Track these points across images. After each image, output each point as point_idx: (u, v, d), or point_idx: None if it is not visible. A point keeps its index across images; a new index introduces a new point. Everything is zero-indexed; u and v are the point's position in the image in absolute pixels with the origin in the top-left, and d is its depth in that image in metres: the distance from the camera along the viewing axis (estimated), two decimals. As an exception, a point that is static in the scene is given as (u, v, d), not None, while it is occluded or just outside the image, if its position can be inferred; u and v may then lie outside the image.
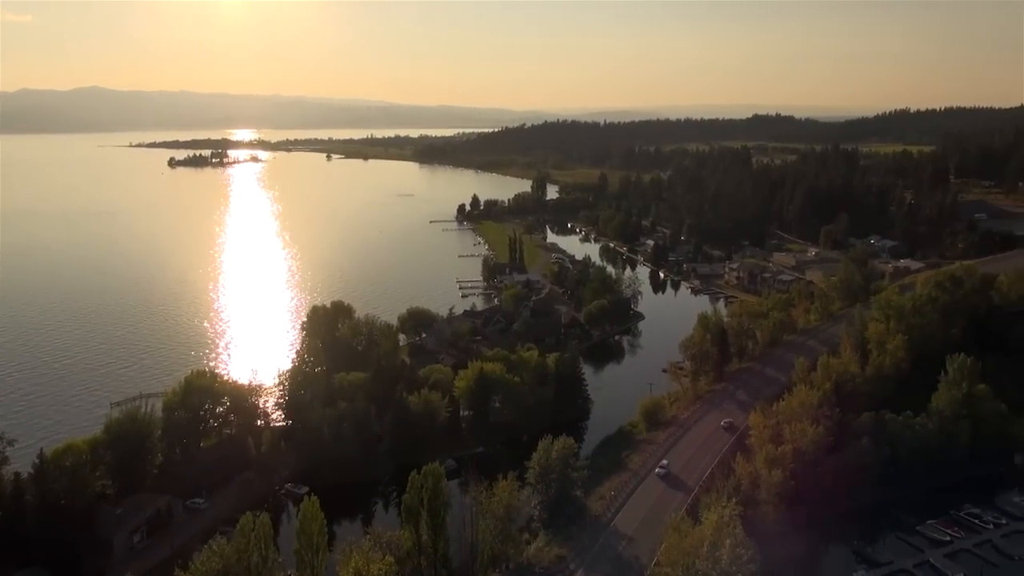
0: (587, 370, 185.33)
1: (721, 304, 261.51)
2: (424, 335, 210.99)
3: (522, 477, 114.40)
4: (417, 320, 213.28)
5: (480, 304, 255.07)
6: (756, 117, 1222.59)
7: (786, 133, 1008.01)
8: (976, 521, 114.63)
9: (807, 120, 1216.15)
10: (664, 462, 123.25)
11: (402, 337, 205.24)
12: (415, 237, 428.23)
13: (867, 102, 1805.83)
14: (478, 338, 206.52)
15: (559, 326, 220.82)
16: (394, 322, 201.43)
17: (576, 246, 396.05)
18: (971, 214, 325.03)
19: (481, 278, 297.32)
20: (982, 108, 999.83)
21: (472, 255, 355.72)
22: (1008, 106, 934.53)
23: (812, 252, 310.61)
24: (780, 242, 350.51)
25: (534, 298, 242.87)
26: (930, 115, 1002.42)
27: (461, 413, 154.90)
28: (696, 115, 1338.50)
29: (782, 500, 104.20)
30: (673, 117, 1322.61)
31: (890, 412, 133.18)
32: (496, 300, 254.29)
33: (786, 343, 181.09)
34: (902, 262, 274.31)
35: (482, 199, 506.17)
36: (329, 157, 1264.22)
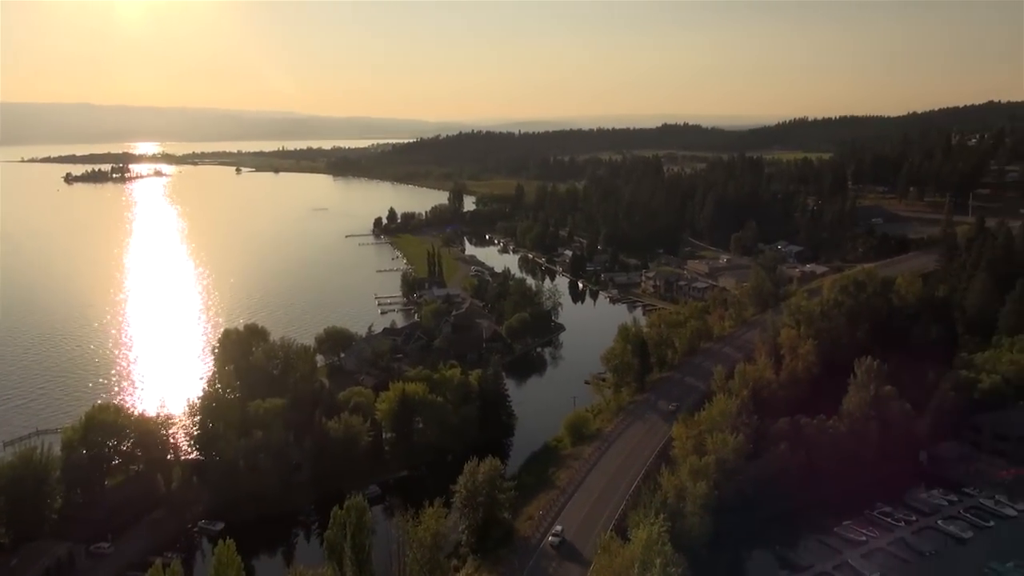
0: (510, 384, 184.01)
1: (639, 312, 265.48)
2: (343, 355, 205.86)
3: (448, 501, 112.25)
4: (335, 340, 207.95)
5: (400, 321, 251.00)
6: (665, 126, 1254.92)
7: (694, 142, 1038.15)
8: (888, 519, 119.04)
9: (713, 129, 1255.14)
10: (558, 528, 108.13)
11: (320, 358, 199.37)
12: (331, 253, 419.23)
13: (769, 111, 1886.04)
14: (399, 356, 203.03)
15: (481, 341, 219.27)
16: (311, 343, 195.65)
17: (495, 257, 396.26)
18: (869, 219, 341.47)
19: (400, 294, 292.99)
20: (873, 117, 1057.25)
21: (390, 270, 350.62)
22: (896, 115, 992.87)
23: (724, 259, 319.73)
24: (693, 249, 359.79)
25: (455, 313, 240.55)
26: (826, 123, 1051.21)
27: (383, 436, 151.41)
28: (608, 125, 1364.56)
29: (707, 510, 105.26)
30: (586, 127, 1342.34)
31: (805, 416, 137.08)
32: (416, 316, 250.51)
33: (704, 351, 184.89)
34: (808, 266, 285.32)
35: (399, 212, 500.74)
36: (238, 171, 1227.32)
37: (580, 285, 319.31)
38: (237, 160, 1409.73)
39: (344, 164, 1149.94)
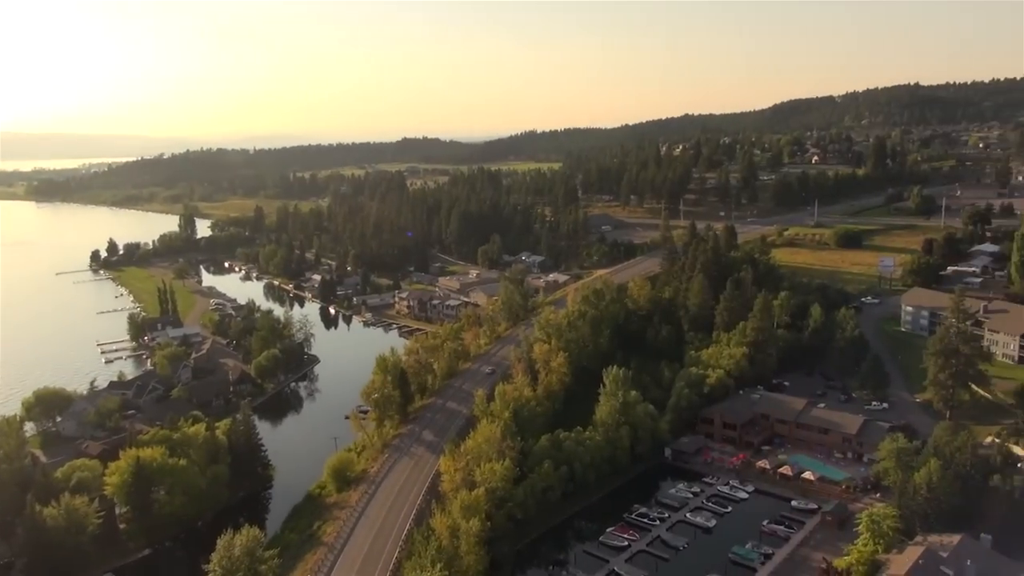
0: (265, 429, 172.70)
1: (395, 334, 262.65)
2: (60, 419, 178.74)
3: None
4: (48, 403, 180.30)
5: (130, 370, 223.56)
6: (405, 140, 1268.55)
7: (434, 155, 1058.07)
8: (645, 520, 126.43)
9: (452, 142, 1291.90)
10: None
11: (30, 427, 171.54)
12: (39, 294, 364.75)
13: (501, 124, 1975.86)
14: (131, 412, 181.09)
15: (227, 384, 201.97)
16: (16, 411, 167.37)
17: (237, 287, 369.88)
18: (599, 226, 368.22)
19: (128, 338, 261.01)
20: (593, 128, 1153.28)
21: (114, 310, 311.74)
22: (612, 127, 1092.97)
23: (473, 273, 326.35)
24: (443, 265, 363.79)
25: (194, 355, 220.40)
26: (553, 135, 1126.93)
27: (118, 511, 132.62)
28: (348, 139, 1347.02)
29: (481, 544, 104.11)
30: (326, 142, 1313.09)
31: (564, 430, 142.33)
32: (149, 363, 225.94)
33: (463, 372, 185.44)
34: (551, 276, 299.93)
35: (121, 242, 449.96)
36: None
37: (332, 311, 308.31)
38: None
39: (50, 188, 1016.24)
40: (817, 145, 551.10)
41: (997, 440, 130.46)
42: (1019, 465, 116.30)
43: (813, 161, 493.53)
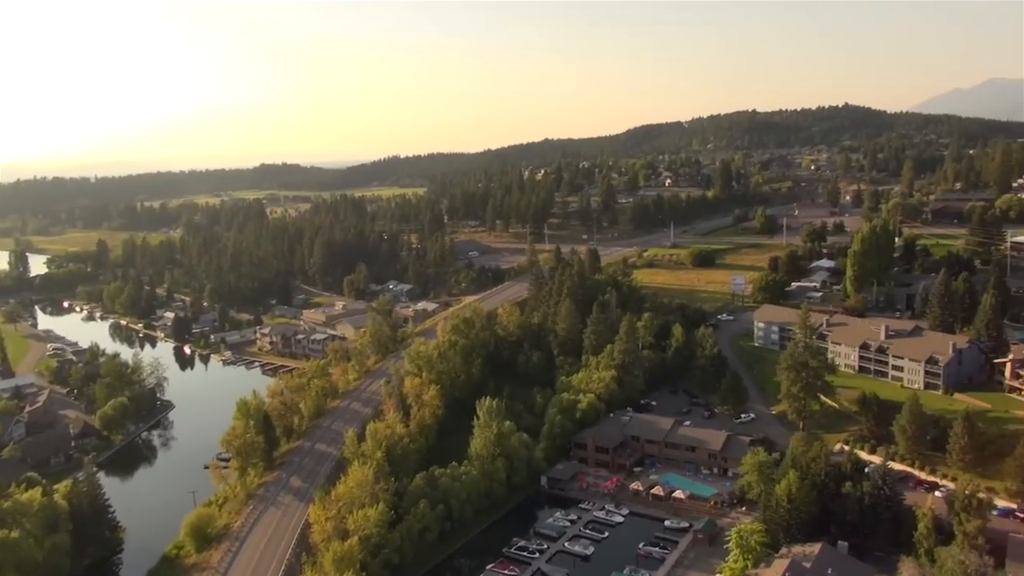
0: (113, 486, 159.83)
1: (258, 372, 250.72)
2: None
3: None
4: None
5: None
6: (264, 166, 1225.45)
7: (294, 181, 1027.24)
8: (524, 553, 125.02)
9: (313, 167, 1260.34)
10: None
11: None
12: None
13: (364, 149, 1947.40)
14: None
15: (67, 440, 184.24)
16: None
17: (79, 329, 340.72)
18: (467, 252, 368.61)
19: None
20: (457, 153, 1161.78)
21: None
22: (475, 151, 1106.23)
23: (340, 305, 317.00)
24: (308, 297, 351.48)
25: (28, 409, 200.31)
26: (417, 160, 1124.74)
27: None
28: (201, 165, 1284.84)
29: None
30: (176, 169, 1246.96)
31: (439, 466, 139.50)
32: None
33: (332, 411, 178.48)
34: (420, 305, 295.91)
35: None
36: None
37: (188, 350, 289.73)
38: None
39: None
40: (669, 169, 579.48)
41: (846, 447, 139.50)
42: (866, 471, 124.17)
43: (667, 184, 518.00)
